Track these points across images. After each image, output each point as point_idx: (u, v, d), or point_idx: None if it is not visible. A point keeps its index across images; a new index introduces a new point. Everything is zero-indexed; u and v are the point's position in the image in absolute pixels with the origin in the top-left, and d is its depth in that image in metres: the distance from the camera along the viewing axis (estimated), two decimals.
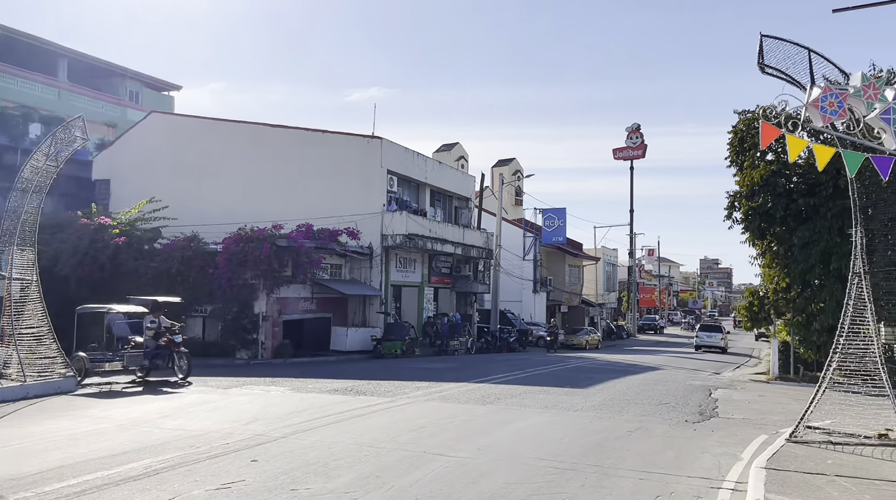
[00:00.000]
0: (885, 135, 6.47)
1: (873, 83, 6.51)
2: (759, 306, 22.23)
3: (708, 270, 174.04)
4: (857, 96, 6.58)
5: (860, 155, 6.70)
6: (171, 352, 16.00)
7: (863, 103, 6.56)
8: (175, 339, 16.03)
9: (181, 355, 16.02)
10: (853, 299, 9.42)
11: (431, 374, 19.07)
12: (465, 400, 13.49)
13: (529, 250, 48.20)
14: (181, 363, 16.01)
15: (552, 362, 25.89)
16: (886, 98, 6.46)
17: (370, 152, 30.01)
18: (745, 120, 22.21)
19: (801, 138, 6.62)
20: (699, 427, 11.31)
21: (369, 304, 29.43)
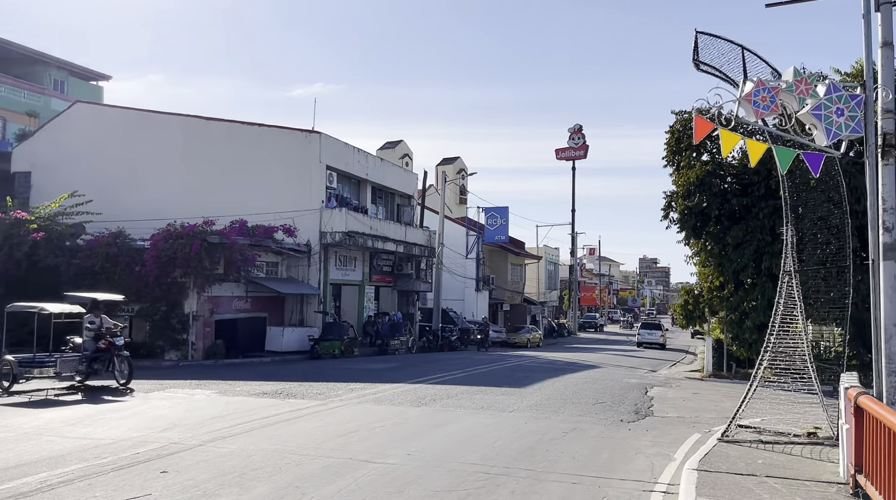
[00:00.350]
0: (817, 131, 6.40)
1: (805, 79, 6.45)
2: (694, 304, 22.56)
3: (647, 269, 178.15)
4: (790, 92, 6.50)
5: (792, 151, 6.63)
6: (112, 356, 14.74)
7: (795, 99, 6.49)
8: (116, 341, 14.78)
9: (122, 360, 14.73)
10: (783, 298, 9.44)
11: (368, 375, 18.60)
12: (399, 402, 13.09)
13: (472, 248, 48.11)
14: (122, 368, 14.71)
15: (492, 361, 25.74)
16: (818, 94, 6.39)
17: (309, 147, 29.26)
18: (681, 120, 22.50)
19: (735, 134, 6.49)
20: (634, 427, 11.22)
21: (307, 303, 28.70)
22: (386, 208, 36.94)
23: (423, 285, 38.20)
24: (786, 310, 9.63)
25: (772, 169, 20.74)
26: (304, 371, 19.75)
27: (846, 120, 6.32)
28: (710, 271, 21.82)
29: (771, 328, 9.68)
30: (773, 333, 9.68)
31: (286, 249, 26.91)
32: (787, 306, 9.51)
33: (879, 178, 6.37)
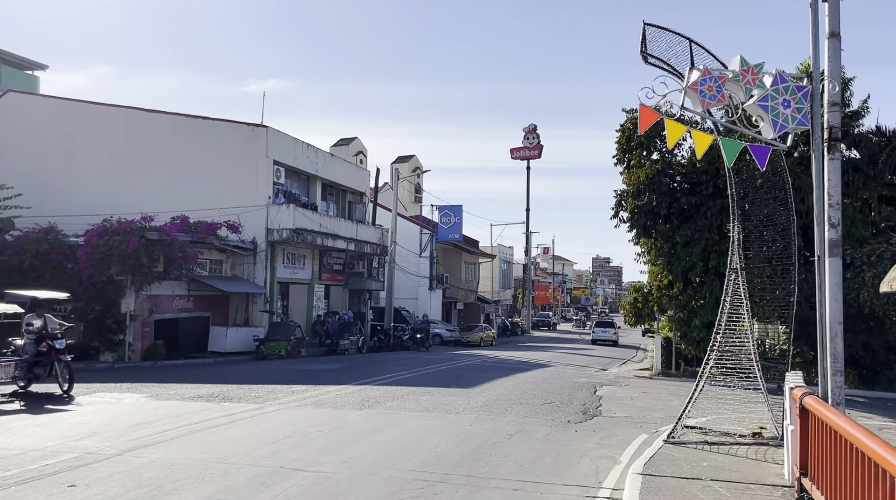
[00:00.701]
0: (763, 124, 6.20)
1: (752, 69, 6.23)
2: (644, 302, 22.62)
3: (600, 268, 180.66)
4: (736, 81, 6.28)
5: (738, 143, 6.42)
6: (53, 360, 13.39)
7: (741, 89, 6.28)
8: (56, 344, 13.43)
9: (64, 364, 13.36)
10: (730, 295, 9.30)
11: (313, 376, 18.02)
12: (341, 405, 12.59)
13: (426, 246, 47.69)
14: (64, 373, 13.34)
15: (443, 360, 25.38)
16: (765, 84, 6.19)
17: (255, 142, 28.40)
18: (632, 118, 22.50)
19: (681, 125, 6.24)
20: (581, 428, 10.98)
21: (253, 302, 27.86)
22: (337, 206, 36.23)
23: (375, 284, 37.62)
24: (732, 308, 9.50)
25: (719, 168, 20.91)
26: (247, 373, 19.04)
27: (793, 112, 6.14)
28: (660, 270, 21.89)
29: (718, 326, 9.54)
30: (719, 331, 9.54)
31: (231, 246, 26.04)
32: (733, 303, 9.37)
33: (825, 173, 6.20)
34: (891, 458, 4.19)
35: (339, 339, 29.22)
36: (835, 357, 6.17)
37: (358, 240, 34.02)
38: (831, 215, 6.21)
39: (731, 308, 9.48)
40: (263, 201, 28.02)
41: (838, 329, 6.16)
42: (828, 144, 6.19)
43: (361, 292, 37.22)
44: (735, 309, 9.43)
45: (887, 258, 18.02)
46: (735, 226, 9.12)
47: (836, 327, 6.13)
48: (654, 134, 22.25)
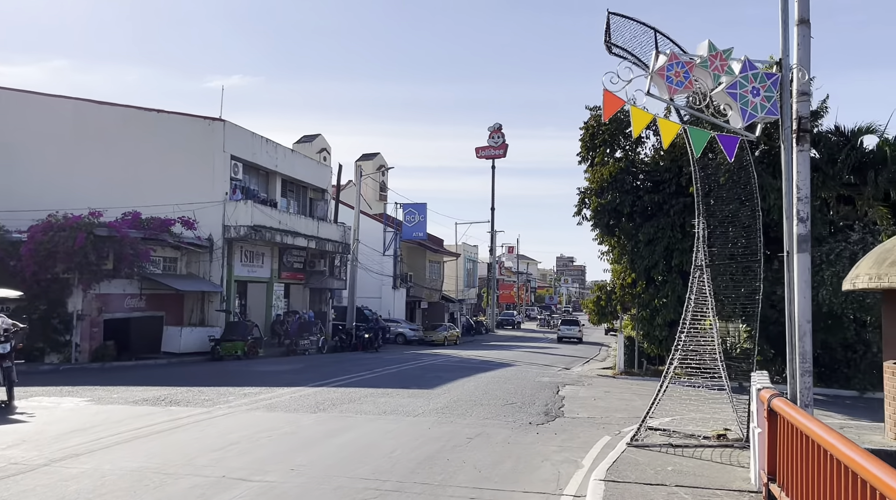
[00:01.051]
0: (731, 112, 5.93)
1: (720, 54, 5.95)
2: (607, 300, 22.51)
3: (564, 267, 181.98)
4: (704, 67, 6.00)
5: (706, 132, 6.13)
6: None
7: (709, 75, 6.00)
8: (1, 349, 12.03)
9: (6, 371, 12.02)
10: (694, 293, 9.07)
11: (268, 377, 17.41)
12: (294, 408, 12.06)
13: (390, 245, 47.12)
14: (3, 381, 12.00)
15: (404, 360, 24.93)
16: (733, 71, 5.91)
17: (212, 136, 27.55)
18: (595, 116, 22.37)
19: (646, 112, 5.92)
20: (542, 430, 10.65)
21: (209, 301, 27.01)
22: (298, 203, 35.48)
23: (336, 283, 36.97)
24: (696, 306, 9.26)
25: (682, 166, 20.89)
26: (199, 374, 18.34)
27: (762, 101, 5.87)
28: (623, 268, 21.79)
29: (682, 325, 9.30)
30: (683, 330, 9.29)
31: (185, 243, 25.17)
32: (698, 301, 9.14)
33: (794, 165, 5.96)
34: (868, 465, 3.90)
35: (298, 339, 28.55)
36: (803, 357, 5.92)
37: (319, 238, 33.34)
38: (800, 210, 5.97)
39: (695, 307, 9.24)
40: (220, 197, 27.20)
41: (807, 328, 5.92)
42: (797, 135, 5.95)
43: (323, 291, 36.53)
44: (699, 307, 9.20)
45: (846, 257, 18.15)
46: (700, 222, 8.89)
47: (804, 325, 5.89)
48: (618, 131, 22.16)
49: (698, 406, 11.28)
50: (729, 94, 5.81)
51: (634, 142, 22.21)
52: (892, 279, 9.35)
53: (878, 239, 18.82)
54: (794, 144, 5.93)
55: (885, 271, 9.53)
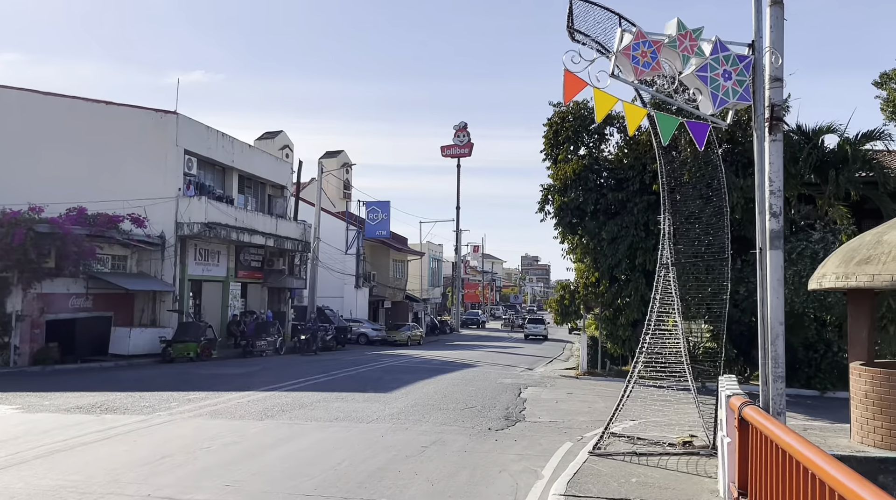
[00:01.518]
0: (702, 97, 5.51)
1: (690, 33, 5.51)
2: (570, 300, 22.17)
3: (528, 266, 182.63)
4: (673, 47, 5.55)
5: (674, 119, 5.70)
6: None
7: (678, 56, 5.55)
8: None
9: None
10: (660, 293, 8.66)
11: (219, 381, 16.62)
12: (240, 415, 11.37)
13: (352, 243, 46.28)
14: None
15: (364, 361, 24.27)
16: (703, 52, 5.47)
17: (164, 129, 26.49)
18: (559, 113, 22.02)
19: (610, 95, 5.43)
20: (502, 436, 10.15)
21: (160, 301, 25.97)
22: (256, 199, 34.50)
23: (296, 282, 36.08)
24: (661, 306, 8.86)
25: (647, 163, 20.66)
26: (145, 378, 17.44)
27: (734, 85, 5.45)
28: (586, 267, 21.47)
29: (647, 325, 8.88)
30: (648, 332, 8.88)
31: (135, 240, 24.12)
32: (662, 301, 8.74)
33: (766, 156, 5.55)
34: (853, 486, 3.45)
35: (255, 340, 27.64)
36: (776, 361, 5.52)
37: (278, 236, 32.44)
38: (773, 204, 5.56)
39: (660, 306, 8.84)
40: (173, 193, 26.18)
41: (779, 330, 5.52)
42: (769, 123, 5.55)
43: (282, 290, 35.63)
44: (665, 307, 8.80)
45: (807, 256, 18.10)
46: (666, 218, 8.49)
47: (777, 327, 5.49)
48: (582, 128, 21.84)
49: (663, 409, 10.93)
50: (699, 77, 5.38)
51: (598, 139, 21.93)
52: (860, 278, 9.07)
53: (838, 238, 18.83)
54: (766, 134, 5.53)
55: (852, 270, 9.25)
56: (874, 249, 9.28)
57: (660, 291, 8.58)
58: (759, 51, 5.46)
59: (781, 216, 5.54)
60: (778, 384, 5.53)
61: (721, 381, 6.99)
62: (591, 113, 22.57)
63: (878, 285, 8.99)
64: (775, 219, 5.53)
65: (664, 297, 8.62)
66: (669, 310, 8.97)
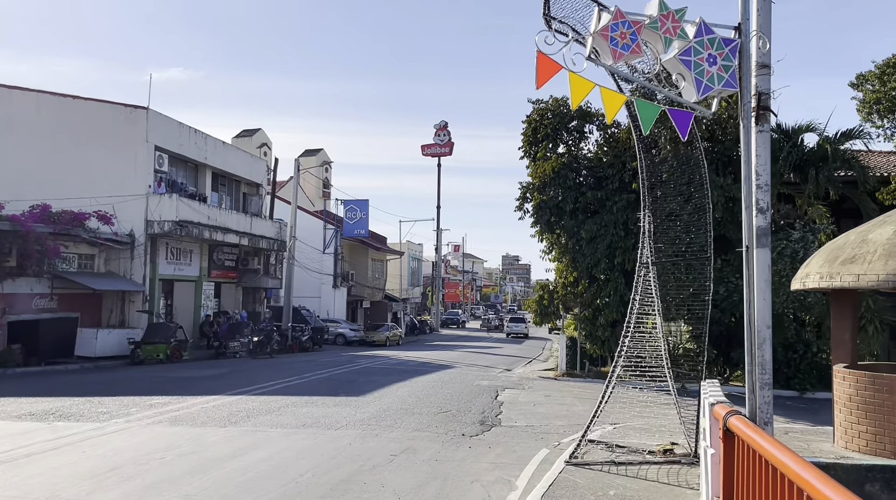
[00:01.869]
0: (685, 83, 5.13)
1: (672, 14, 5.12)
2: (549, 300, 21.82)
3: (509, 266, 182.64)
4: (654, 28, 5.16)
5: (655, 106, 5.31)
6: None
7: (660, 38, 5.16)
8: None
9: None
10: (639, 293, 8.29)
11: (185, 384, 16.03)
12: (202, 421, 10.83)
13: (330, 242, 45.63)
14: None
15: (339, 363, 23.74)
16: (687, 34, 5.08)
17: (134, 125, 25.76)
18: (538, 110, 21.68)
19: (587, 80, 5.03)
20: (476, 443, 9.73)
21: (130, 301, 25.25)
22: (231, 197, 33.81)
23: (272, 282, 35.44)
24: (641, 306, 8.49)
25: (626, 162, 20.38)
26: (110, 381, 16.80)
27: (719, 70, 5.08)
28: (565, 267, 21.13)
29: (627, 326, 8.51)
30: (627, 334, 8.51)
31: (102, 239, 23.39)
32: (642, 302, 8.37)
33: (753, 148, 5.19)
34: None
35: (228, 341, 26.99)
36: (762, 367, 5.16)
37: (252, 234, 31.78)
38: (759, 199, 5.20)
39: (640, 307, 8.47)
40: (143, 190, 25.47)
41: (766, 334, 5.16)
42: (756, 113, 5.18)
43: (257, 290, 34.98)
44: (645, 307, 8.44)
45: (787, 255, 17.91)
46: (646, 215, 8.12)
47: (764, 331, 5.13)
48: (561, 126, 21.51)
49: (642, 412, 10.59)
50: (682, 61, 5.00)
51: (578, 137, 21.61)
52: (845, 278, 8.79)
53: (818, 238, 18.67)
54: (752, 124, 5.16)
55: (836, 269, 8.97)
56: (859, 247, 9.01)
57: (640, 291, 8.20)
58: (746, 34, 5.09)
59: (769, 213, 5.18)
60: (765, 392, 5.17)
61: (704, 386, 6.63)
62: (570, 110, 22.29)
63: (864, 285, 8.71)
64: (762, 215, 5.16)
65: (644, 297, 8.25)
66: (649, 310, 8.61)
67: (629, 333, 8.29)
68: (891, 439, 8.63)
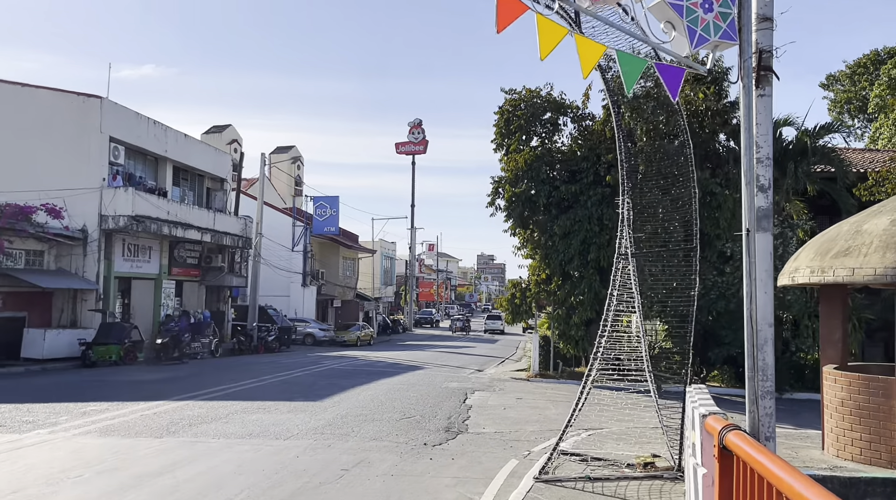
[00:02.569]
0: (676, 33, 4.34)
1: None
2: (521, 298, 21.03)
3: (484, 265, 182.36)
4: None
5: (640, 60, 4.51)
6: None
7: None
8: None
9: None
10: (617, 288, 7.48)
11: (131, 389, 14.94)
12: (138, 431, 9.80)
13: (299, 240, 44.43)
14: None
15: (303, 364, 22.71)
16: None
17: (87, 115, 24.44)
18: (511, 100, 20.89)
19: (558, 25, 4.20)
20: (438, 453, 8.87)
21: (82, 300, 23.94)
22: (194, 193, 32.50)
23: (236, 280, 34.19)
24: (619, 303, 7.69)
25: (601, 154, 19.67)
26: (51, 385, 15.64)
27: (715, 18, 4.30)
28: (538, 263, 20.38)
29: (603, 325, 7.70)
30: (604, 334, 7.71)
31: (51, 234, 22.08)
32: (620, 298, 7.57)
33: (754, 115, 4.41)
34: None
35: (189, 341, 25.76)
36: (764, 372, 4.37)
37: (216, 231, 30.54)
38: (761, 174, 4.42)
39: (617, 303, 7.67)
40: (96, 184, 24.18)
41: (769, 333, 4.38)
42: (756, 73, 4.41)
43: (221, 288, 33.71)
44: (623, 304, 7.64)
45: None
46: (625, 201, 7.31)
47: (765, 330, 4.35)
48: (534, 118, 20.75)
49: (619, 415, 9.84)
50: (672, 5, 4.21)
51: (552, 129, 20.86)
52: (839, 272, 8.08)
53: (796, 233, 18.15)
54: (753, 87, 4.38)
55: (829, 263, 8.26)
56: (853, 239, 8.32)
57: (618, 285, 7.41)
58: None
59: (770, 192, 4.40)
60: (767, 402, 4.38)
61: (691, 392, 5.84)
62: (545, 102, 21.52)
63: (859, 279, 8.02)
64: (763, 194, 4.38)
65: (622, 292, 7.46)
66: (628, 307, 7.82)
67: (606, 332, 7.48)
68: (887, 447, 7.95)
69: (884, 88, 37.02)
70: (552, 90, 20.90)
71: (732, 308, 17.31)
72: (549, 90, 20.92)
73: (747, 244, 4.29)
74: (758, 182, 4.42)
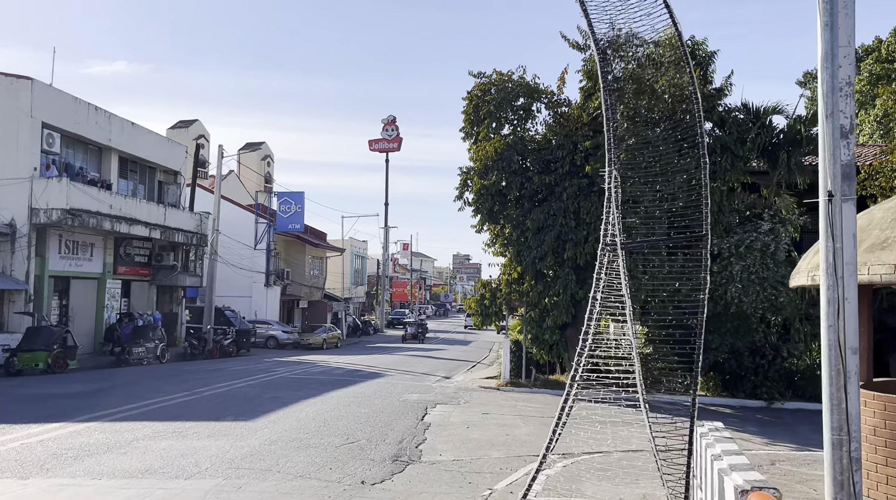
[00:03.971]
0: None
1: None
2: (492, 299, 19.29)
3: (460, 265, 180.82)
4: None
5: None
6: None
7: None
8: None
9: None
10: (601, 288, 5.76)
11: (35, 405, 12.92)
12: (1, 469, 7.85)
13: (262, 238, 42.24)
14: None
15: (253, 372, 20.72)
16: None
17: (16, 98, 22.24)
18: (480, 85, 19.13)
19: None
20: (377, 496, 7.08)
21: (10, 301, 21.78)
22: (144, 186, 30.28)
23: (191, 280, 32.07)
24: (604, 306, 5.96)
25: (577, 142, 18.02)
26: None
27: None
28: (509, 261, 18.67)
29: (584, 338, 5.98)
30: (585, 344, 5.98)
31: None
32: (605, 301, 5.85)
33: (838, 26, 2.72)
34: None
35: (131, 347, 23.64)
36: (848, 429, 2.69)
37: (167, 227, 28.43)
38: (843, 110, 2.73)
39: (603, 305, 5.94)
40: (26, 173, 21.99)
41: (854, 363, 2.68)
42: None
43: (174, 289, 31.53)
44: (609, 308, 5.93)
45: (757, 249, 15.85)
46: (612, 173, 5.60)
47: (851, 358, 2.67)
48: (506, 103, 19.02)
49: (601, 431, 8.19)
50: None
51: (524, 116, 19.13)
52: (876, 269, 6.46)
53: (788, 229, 16.69)
54: None
55: (863, 258, 6.62)
56: (892, 228, 6.70)
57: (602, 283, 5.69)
58: None
59: (853, 139, 2.74)
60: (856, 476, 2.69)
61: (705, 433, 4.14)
62: (517, 86, 19.85)
63: None
64: (846, 141, 2.70)
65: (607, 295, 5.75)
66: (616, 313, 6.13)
67: (586, 346, 5.76)
68: None
69: (864, 83, 36.21)
70: (524, 74, 19.15)
71: (719, 311, 15.79)
72: (521, 74, 19.18)
73: (828, 217, 2.56)
74: (841, 130, 2.69)
